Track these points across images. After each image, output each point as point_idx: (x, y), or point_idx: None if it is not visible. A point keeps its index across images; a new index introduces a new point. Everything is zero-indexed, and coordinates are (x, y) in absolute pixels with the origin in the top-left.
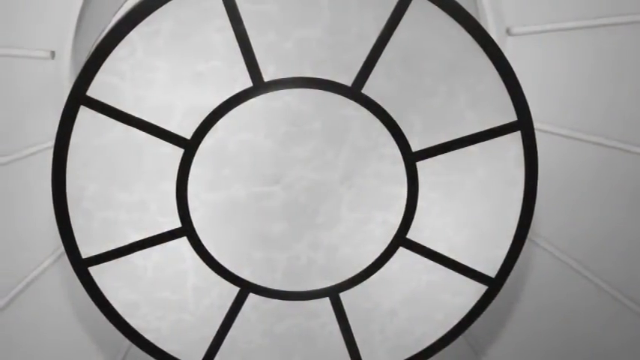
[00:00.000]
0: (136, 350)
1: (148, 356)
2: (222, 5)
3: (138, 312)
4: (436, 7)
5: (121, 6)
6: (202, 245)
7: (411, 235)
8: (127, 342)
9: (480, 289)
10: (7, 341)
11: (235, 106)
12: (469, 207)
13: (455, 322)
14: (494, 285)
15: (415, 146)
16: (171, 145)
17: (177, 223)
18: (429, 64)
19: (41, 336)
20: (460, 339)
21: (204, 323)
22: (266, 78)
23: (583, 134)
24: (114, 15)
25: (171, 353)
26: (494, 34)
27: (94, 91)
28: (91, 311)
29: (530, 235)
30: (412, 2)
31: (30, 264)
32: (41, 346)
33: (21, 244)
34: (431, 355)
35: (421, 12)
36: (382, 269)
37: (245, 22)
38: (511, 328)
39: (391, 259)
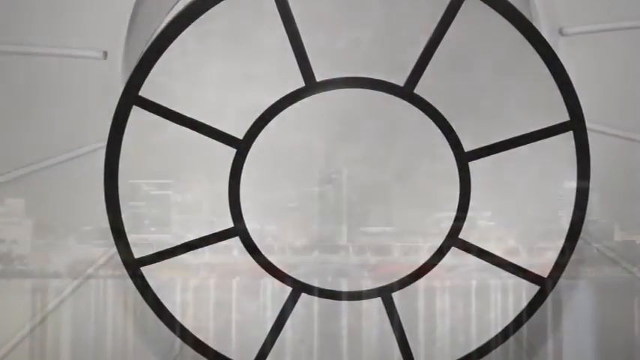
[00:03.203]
0: (187, 349)
1: (200, 356)
2: (275, 6)
3: (190, 311)
4: (488, 7)
5: (174, 6)
6: (254, 245)
7: (463, 234)
8: (178, 341)
9: (532, 289)
10: (60, 339)
11: (288, 105)
12: (521, 207)
13: (507, 322)
14: (546, 285)
15: (467, 146)
16: (223, 144)
17: (229, 223)
18: (481, 64)
19: (94, 335)
20: (511, 339)
21: (257, 323)
22: (318, 78)
23: (635, 134)
24: (166, 15)
25: (224, 353)
26: (546, 34)
27: (146, 91)
28: (144, 310)
29: (582, 235)
30: (464, 2)
31: (83, 263)
32: (94, 344)
33: (74, 244)
34: (482, 355)
35: (473, 12)
36: (434, 269)
37: (297, 23)
38: (562, 328)
39: (443, 259)
